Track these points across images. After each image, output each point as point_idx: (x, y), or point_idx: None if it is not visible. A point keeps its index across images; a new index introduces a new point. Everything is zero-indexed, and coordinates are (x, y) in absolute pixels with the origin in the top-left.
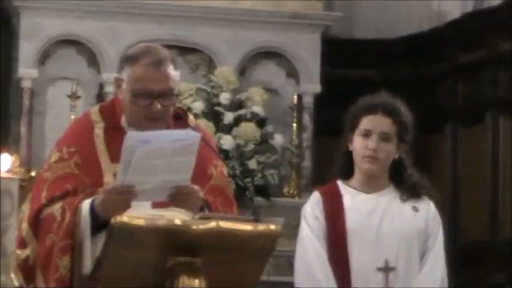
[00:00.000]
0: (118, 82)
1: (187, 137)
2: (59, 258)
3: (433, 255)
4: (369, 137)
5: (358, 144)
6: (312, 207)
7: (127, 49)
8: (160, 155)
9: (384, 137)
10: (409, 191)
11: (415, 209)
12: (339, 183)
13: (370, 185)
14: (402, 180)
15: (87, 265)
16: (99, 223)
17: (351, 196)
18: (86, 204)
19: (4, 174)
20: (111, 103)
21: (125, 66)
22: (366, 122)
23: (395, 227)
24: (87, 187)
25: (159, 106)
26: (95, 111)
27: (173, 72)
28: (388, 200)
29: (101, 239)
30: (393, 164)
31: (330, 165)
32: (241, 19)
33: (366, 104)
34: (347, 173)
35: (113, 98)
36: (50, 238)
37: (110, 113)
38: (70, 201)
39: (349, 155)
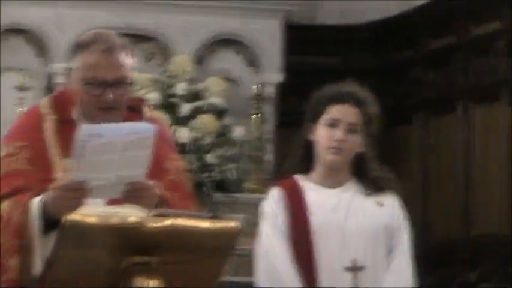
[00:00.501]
0: (68, 72)
1: (142, 129)
2: (5, 260)
3: (399, 253)
4: (336, 127)
5: (322, 134)
6: (272, 204)
7: (77, 37)
8: (113, 149)
9: (351, 128)
10: (372, 185)
11: (380, 204)
12: (298, 177)
13: (332, 179)
14: (364, 174)
15: (37, 266)
16: (49, 222)
17: (312, 192)
18: (35, 203)
19: None
20: (61, 94)
21: (75, 54)
22: (334, 112)
23: (360, 224)
24: (36, 184)
25: (111, 95)
26: (44, 103)
27: (126, 59)
28: (351, 195)
29: (52, 239)
30: (355, 157)
31: (285, 157)
32: (197, 4)
33: (334, 92)
34: (306, 166)
35: (64, 89)
36: None
37: (61, 104)
38: (18, 199)
39: (309, 146)
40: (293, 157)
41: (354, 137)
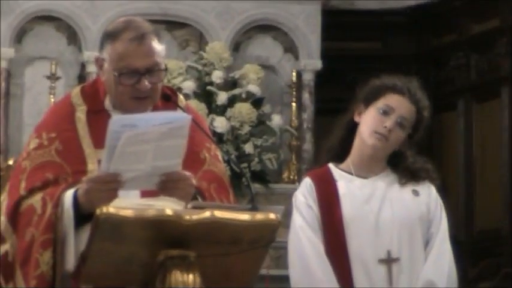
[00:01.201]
0: (99, 62)
1: (177, 119)
2: (39, 254)
3: (438, 243)
4: (388, 115)
5: (372, 118)
6: (304, 195)
7: (106, 26)
8: (148, 139)
9: (401, 122)
10: (408, 175)
11: (416, 193)
12: (331, 166)
13: (366, 168)
14: (400, 163)
15: (71, 261)
16: (83, 215)
17: (345, 181)
18: (68, 195)
19: None
20: (93, 84)
21: (105, 44)
22: (392, 100)
23: (395, 214)
24: (68, 176)
25: (146, 83)
26: (75, 93)
27: (158, 46)
28: (385, 184)
29: (85, 233)
30: (392, 153)
31: (329, 137)
32: None
33: (396, 82)
34: (344, 148)
35: (95, 79)
36: (30, 232)
37: (93, 94)
38: (51, 191)
39: (352, 128)
40: (333, 137)
41: (400, 132)
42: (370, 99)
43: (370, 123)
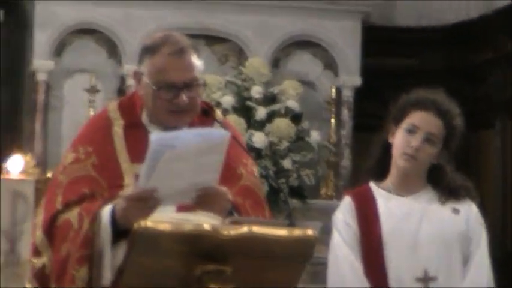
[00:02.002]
0: (137, 76)
1: (215, 135)
2: (75, 270)
3: (476, 261)
4: (414, 134)
5: (400, 139)
6: (343, 213)
7: (145, 40)
8: (186, 157)
9: (430, 138)
10: (448, 193)
11: (455, 211)
12: (372, 185)
13: (405, 187)
14: (440, 181)
15: (107, 277)
16: (118, 231)
17: (384, 199)
18: (106, 211)
19: (17, 176)
20: (130, 98)
21: (144, 58)
22: (415, 118)
23: (434, 232)
24: (104, 190)
25: (184, 98)
26: (113, 107)
27: (196, 61)
28: (425, 202)
29: (122, 249)
30: (432, 167)
31: (366, 158)
32: (274, 5)
33: (419, 98)
34: (383, 168)
35: (133, 93)
36: (66, 247)
37: (130, 109)
38: (88, 207)
39: (387, 148)
40: (371, 158)
41: (430, 148)
42: (397, 119)
43: (399, 144)
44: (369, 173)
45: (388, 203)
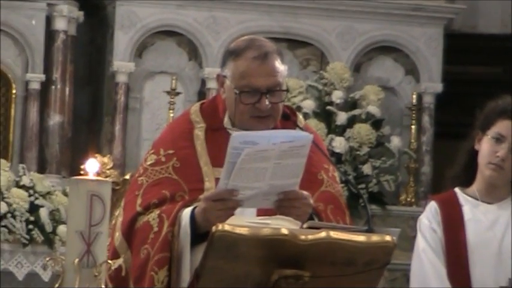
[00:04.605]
0: (220, 79)
1: (297, 138)
2: (154, 272)
3: None
4: (500, 143)
5: (486, 147)
6: (429, 218)
7: (229, 44)
8: (268, 157)
9: None
10: None
11: None
12: (457, 191)
13: (492, 194)
14: None
15: (186, 279)
16: (198, 234)
17: (470, 206)
18: (186, 214)
19: (94, 177)
20: (212, 101)
21: (227, 62)
22: (502, 126)
23: None
24: (185, 193)
25: (267, 103)
26: (195, 110)
27: (280, 66)
28: (510, 211)
29: (201, 251)
30: None
31: (451, 164)
32: (357, 10)
33: (506, 106)
34: (469, 175)
35: (215, 96)
36: (145, 250)
37: (212, 112)
38: (168, 209)
39: (474, 155)
40: (457, 164)
41: None
42: (484, 126)
43: (485, 153)
44: (455, 179)
45: (475, 209)
